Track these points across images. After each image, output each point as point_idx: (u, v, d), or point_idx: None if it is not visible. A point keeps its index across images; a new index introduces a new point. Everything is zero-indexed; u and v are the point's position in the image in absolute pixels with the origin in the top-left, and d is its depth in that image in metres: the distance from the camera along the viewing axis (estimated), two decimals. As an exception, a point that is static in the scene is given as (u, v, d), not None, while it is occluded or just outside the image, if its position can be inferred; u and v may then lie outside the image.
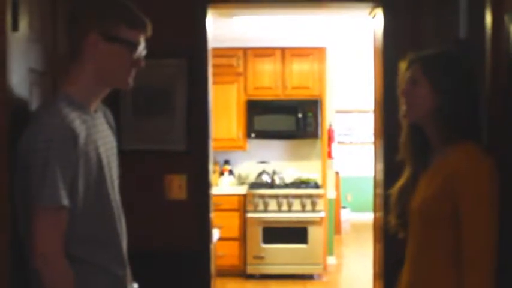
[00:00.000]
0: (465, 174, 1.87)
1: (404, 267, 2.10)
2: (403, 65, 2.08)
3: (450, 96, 1.96)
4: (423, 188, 2.00)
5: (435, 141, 2.03)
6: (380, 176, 3.49)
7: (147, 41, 2.01)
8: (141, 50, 1.96)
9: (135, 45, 1.93)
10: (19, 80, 1.96)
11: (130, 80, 1.98)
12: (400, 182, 2.14)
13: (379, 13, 3.46)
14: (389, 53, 3.32)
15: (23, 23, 1.99)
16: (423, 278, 1.98)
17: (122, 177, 2.16)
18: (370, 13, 3.65)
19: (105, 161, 1.96)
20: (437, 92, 1.97)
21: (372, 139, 3.78)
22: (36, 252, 1.78)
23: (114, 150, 2.09)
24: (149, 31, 1.97)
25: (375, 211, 3.69)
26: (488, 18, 2.09)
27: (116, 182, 2.06)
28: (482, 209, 1.85)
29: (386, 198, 2.45)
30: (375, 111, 3.67)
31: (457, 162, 1.90)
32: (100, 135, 1.97)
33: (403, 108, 2.05)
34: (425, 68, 2.00)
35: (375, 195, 3.67)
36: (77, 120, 1.86)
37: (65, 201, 1.79)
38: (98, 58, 1.91)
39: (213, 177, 3.68)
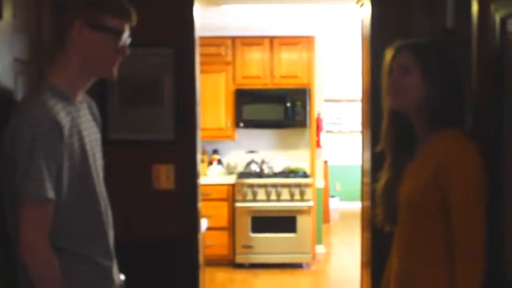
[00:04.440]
0: (452, 163, 1.87)
1: (392, 259, 2.10)
2: (389, 53, 2.06)
3: (440, 85, 1.95)
4: (411, 178, 1.99)
5: (420, 130, 2.03)
6: (367, 165, 3.49)
7: (135, 30, 2.00)
8: (126, 38, 1.96)
9: (119, 34, 1.93)
10: (3, 70, 1.94)
11: (115, 70, 1.98)
12: (385, 175, 2.13)
13: (366, 2, 3.45)
14: (377, 42, 3.31)
15: (7, 12, 1.97)
16: (414, 269, 1.97)
17: (109, 167, 2.16)
18: (357, 2, 3.64)
19: (89, 153, 1.96)
20: (428, 80, 1.96)
21: (360, 128, 3.78)
22: (23, 244, 1.78)
23: (99, 142, 2.08)
24: (134, 20, 1.97)
25: (362, 200, 3.70)
26: (475, 7, 2.09)
27: (101, 173, 2.06)
28: (471, 200, 1.85)
29: (373, 188, 2.46)
30: (362, 100, 3.68)
31: (442, 152, 1.91)
32: (84, 127, 1.97)
33: (387, 96, 2.04)
34: (417, 55, 1.98)
35: (363, 184, 3.67)
36: (61, 112, 1.85)
37: (51, 194, 1.79)
38: (83, 47, 1.91)
39: (201, 166, 3.68)
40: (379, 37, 3.33)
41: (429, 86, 1.96)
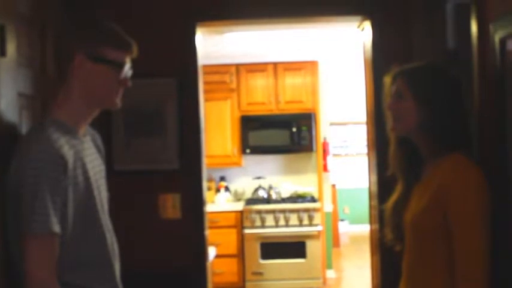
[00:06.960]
0: (452, 187, 1.87)
1: (402, 280, 2.10)
2: (387, 79, 2.09)
3: (435, 109, 1.97)
4: (415, 201, 2.01)
5: (425, 153, 2.04)
6: (374, 188, 3.48)
7: (138, 61, 2.02)
8: (127, 70, 1.98)
9: (120, 66, 1.95)
10: (8, 104, 1.96)
11: (118, 100, 1.99)
12: (394, 196, 2.14)
13: (367, 26, 3.48)
14: (379, 65, 3.33)
15: (11, 48, 1.99)
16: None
17: (114, 198, 2.15)
18: (358, 26, 3.66)
19: (94, 185, 1.96)
20: (421, 105, 1.98)
21: (367, 151, 3.78)
22: (29, 278, 1.77)
23: (103, 174, 2.09)
24: (135, 52, 1.99)
25: (371, 223, 3.68)
26: (474, 28, 2.10)
27: (106, 206, 2.06)
28: (470, 221, 1.85)
29: (381, 210, 2.45)
30: (367, 123, 3.68)
31: (444, 175, 1.91)
32: (88, 159, 1.98)
33: (389, 122, 2.07)
34: (409, 81, 2.01)
35: (371, 207, 3.66)
36: (65, 146, 1.86)
37: (56, 228, 1.79)
38: (85, 79, 1.92)
39: (209, 194, 3.67)
40: (380, 60, 3.35)
41: (423, 110, 1.97)
